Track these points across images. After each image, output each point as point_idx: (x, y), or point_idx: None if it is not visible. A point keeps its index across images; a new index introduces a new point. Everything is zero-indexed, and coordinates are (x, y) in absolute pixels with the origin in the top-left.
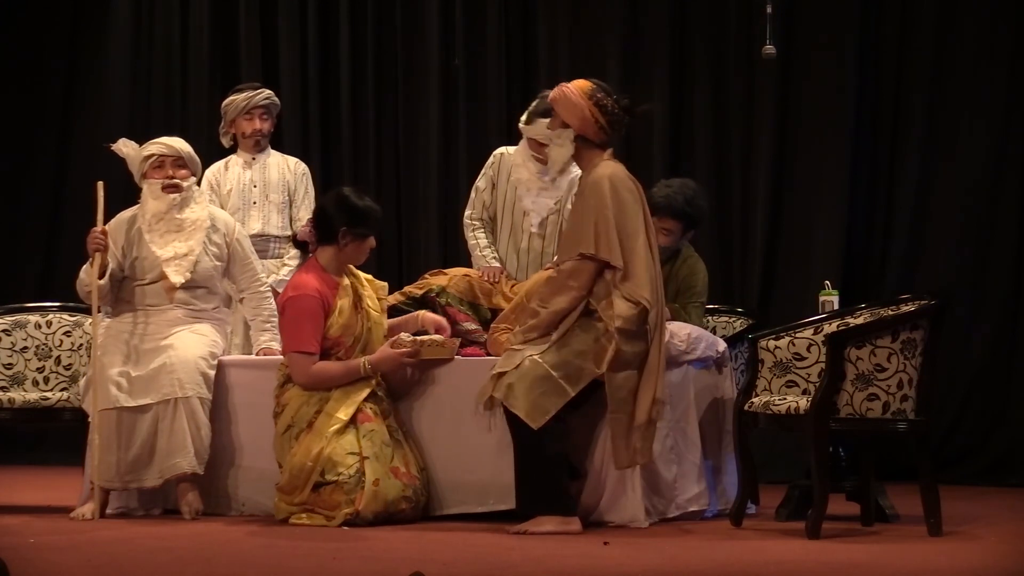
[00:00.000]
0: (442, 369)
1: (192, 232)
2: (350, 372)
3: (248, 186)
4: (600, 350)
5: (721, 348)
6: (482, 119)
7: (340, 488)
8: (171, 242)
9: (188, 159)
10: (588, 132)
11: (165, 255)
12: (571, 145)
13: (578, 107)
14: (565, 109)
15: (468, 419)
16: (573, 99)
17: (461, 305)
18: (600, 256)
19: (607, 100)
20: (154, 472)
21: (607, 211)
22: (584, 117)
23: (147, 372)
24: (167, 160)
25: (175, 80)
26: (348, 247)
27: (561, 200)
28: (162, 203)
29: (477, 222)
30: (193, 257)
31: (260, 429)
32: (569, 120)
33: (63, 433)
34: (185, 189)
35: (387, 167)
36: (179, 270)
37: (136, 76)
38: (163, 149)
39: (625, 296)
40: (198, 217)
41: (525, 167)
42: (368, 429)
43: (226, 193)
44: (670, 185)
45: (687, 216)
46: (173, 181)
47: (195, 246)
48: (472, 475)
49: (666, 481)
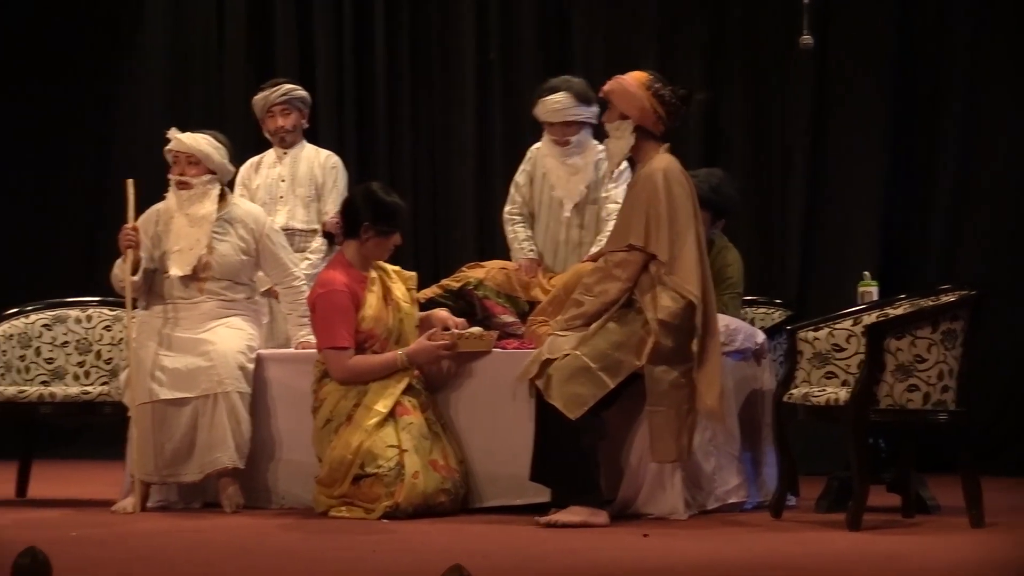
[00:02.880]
0: (479, 362)
1: (199, 228)
2: (387, 365)
3: (276, 181)
4: (640, 343)
5: (760, 339)
6: (517, 113)
7: (379, 481)
8: (182, 236)
9: (202, 156)
10: (647, 123)
11: (173, 248)
12: (631, 137)
13: (636, 97)
14: (623, 100)
15: (505, 412)
16: (631, 90)
17: (498, 298)
18: (649, 248)
19: (665, 90)
20: (194, 467)
21: (659, 204)
22: (643, 107)
23: (185, 367)
24: (180, 157)
25: (212, 74)
26: (370, 242)
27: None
28: (176, 198)
29: (517, 216)
30: (199, 250)
31: (299, 423)
32: (628, 111)
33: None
34: (195, 186)
35: (422, 161)
36: (180, 263)
37: (173, 70)
38: (177, 146)
39: (671, 290)
40: (206, 212)
41: (550, 156)
42: (407, 422)
43: (255, 188)
44: (696, 175)
45: (714, 204)
46: (183, 178)
47: (202, 240)
48: (510, 468)
49: (705, 473)
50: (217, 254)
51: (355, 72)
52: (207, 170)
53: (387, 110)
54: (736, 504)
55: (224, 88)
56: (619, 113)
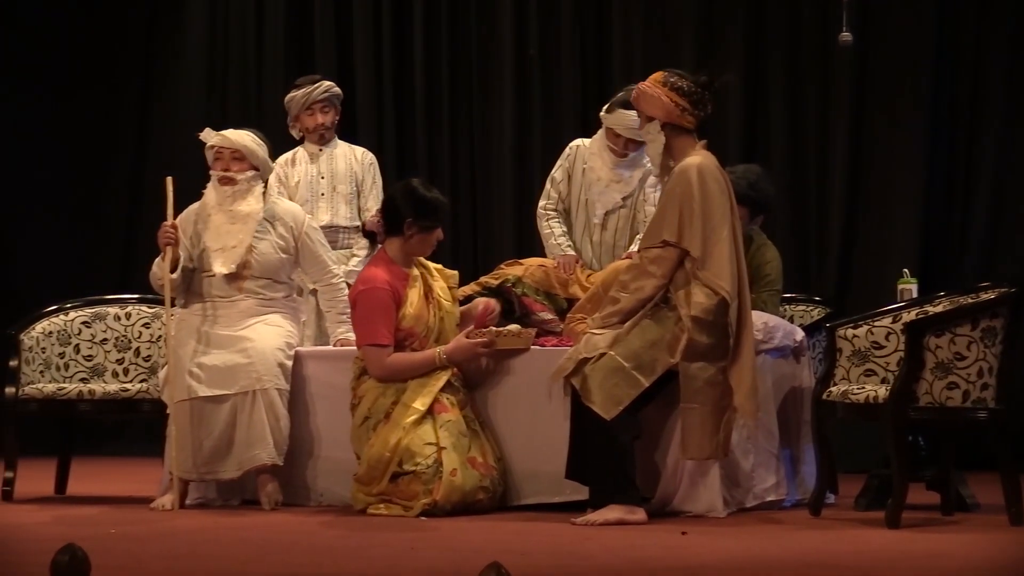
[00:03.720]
0: (518, 359)
1: (243, 225)
2: (425, 363)
3: (316, 178)
4: (673, 340)
5: (799, 337)
6: (557, 109)
7: (418, 478)
8: (224, 234)
9: (248, 153)
10: (673, 118)
11: (215, 246)
12: (661, 136)
13: (655, 97)
14: (645, 104)
15: (544, 409)
16: (649, 91)
17: (537, 295)
18: (682, 244)
19: (681, 82)
20: (232, 464)
21: (693, 200)
22: (664, 104)
23: (224, 364)
24: (224, 152)
25: (251, 71)
26: (413, 239)
27: (632, 196)
28: (218, 194)
29: (552, 212)
30: (242, 249)
31: (338, 420)
32: (652, 112)
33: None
34: (239, 182)
35: (462, 157)
36: (224, 261)
37: (212, 68)
38: (221, 141)
39: (705, 286)
40: (251, 210)
41: (600, 157)
42: (445, 419)
43: (294, 186)
44: (734, 171)
45: (751, 200)
46: (227, 174)
47: (245, 239)
48: (548, 465)
49: (744, 471)
50: (257, 252)
51: (394, 70)
52: (251, 166)
53: (426, 108)
54: (775, 502)
55: (262, 88)
56: (647, 117)
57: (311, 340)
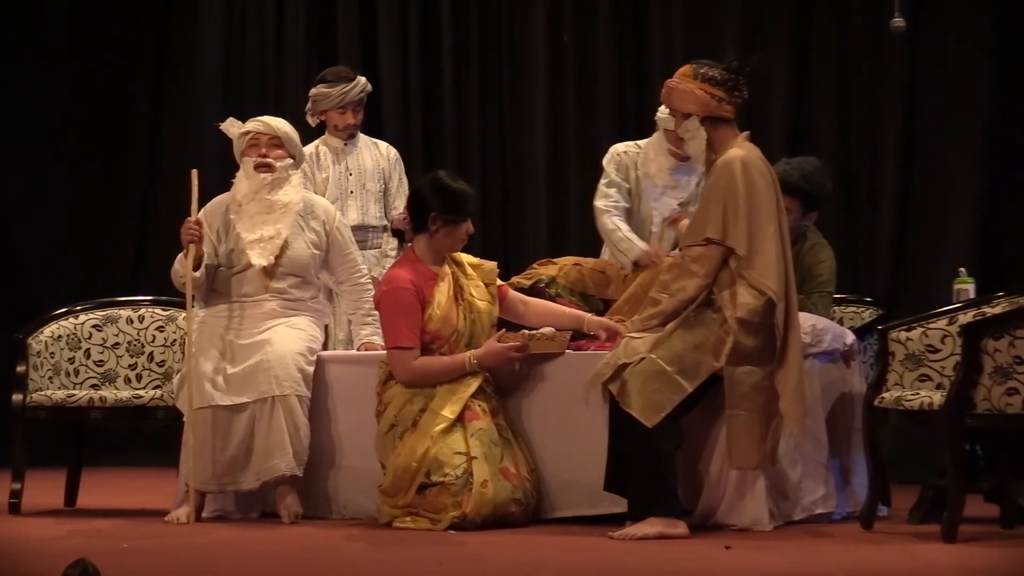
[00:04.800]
0: (552, 364)
1: (282, 215)
2: (455, 367)
3: (343, 175)
4: (718, 343)
5: (849, 340)
6: (592, 99)
7: (446, 490)
8: (259, 224)
9: (286, 140)
10: (711, 110)
11: (250, 237)
12: (701, 131)
13: (686, 91)
14: (677, 100)
15: (579, 417)
16: (680, 87)
17: (572, 296)
18: (727, 242)
19: (712, 71)
20: (251, 474)
21: (737, 195)
22: (697, 96)
23: (243, 369)
24: (262, 139)
25: (269, 58)
26: (440, 233)
27: (687, 202)
28: (253, 183)
29: (613, 209)
30: (280, 241)
31: (362, 428)
32: (686, 107)
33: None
34: (278, 170)
35: (492, 150)
36: (263, 253)
37: (229, 56)
38: (259, 127)
39: (750, 286)
40: (290, 200)
41: (656, 161)
42: (476, 428)
43: (321, 182)
44: (789, 162)
45: (805, 193)
46: (266, 160)
47: (283, 230)
48: (584, 476)
49: (791, 482)
50: (290, 248)
51: (420, 59)
52: (288, 154)
53: (454, 99)
54: (824, 515)
55: (282, 77)
56: (682, 115)
57: (343, 346)
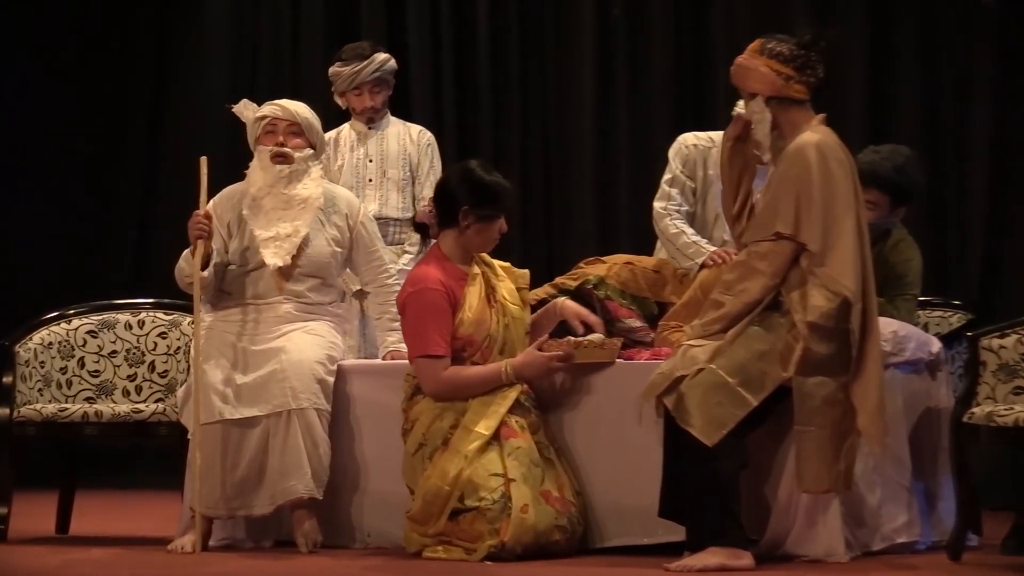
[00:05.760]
0: (600, 375)
1: (301, 211)
2: (490, 378)
3: (363, 161)
4: (786, 350)
5: (935, 349)
6: (645, 80)
7: (482, 516)
8: (275, 221)
9: (306, 127)
10: (778, 89)
11: (265, 235)
12: (767, 113)
13: (753, 68)
14: (744, 79)
15: (631, 434)
16: (746, 63)
17: (623, 299)
18: (799, 237)
19: (781, 46)
20: (264, 497)
21: (811, 185)
22: (765, 75)
23: (255, 379)
24: (279, 125)
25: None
26: (470, 230)
27: None
28: (268, 175)
29: (675, 212)
30: (297, 239)
31: (387, 447)
32: (753, 87)
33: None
34: (296, 161)
35: (533, 139)
36: (278, 252)
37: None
38: (276, 111)
39: (823, 286)
40: (310, 195)
41: None
42: (514, 446)
43: (336, 169)
44: (878, 151)
45: (896, 187)
46: (283, 150)
47: (302, 227)
48: (636, 500)
49: (869, 507)
50: (309, 247)
51: (454, 37)
52: (309, 143)
53: (492, 80)
54: (906, 544)
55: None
56: (748, 94)
57: (353, 352)
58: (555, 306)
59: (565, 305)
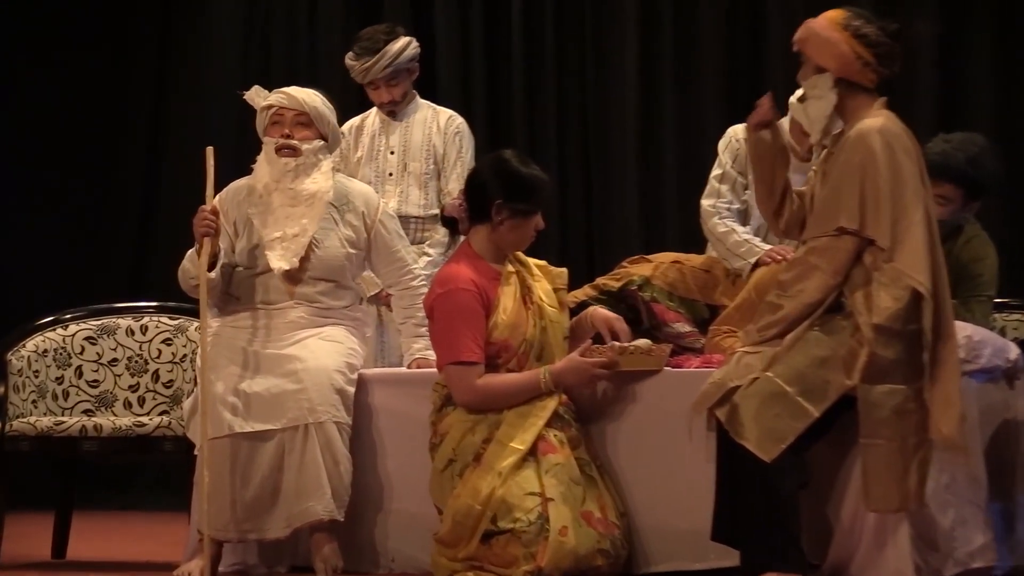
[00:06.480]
0: (647, 384)
1: (308, 208)
2: (526, 387)
3: (383, 153)
4: (850, 356)
5: (1012, 355)
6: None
7: (517, 539)
8: (282, 220)
9: (315, 116)
10: (851, 73)
11: (272, 235)
12: (832, 94)
13: (831, 42)
14: (816, 49)
15: (681, 449)
16: (824, 34)
17: (670, 301)
18: (865, 232)
19: (868, 28)
20: (279, 519)
21: (878, 175)
22: (842, 54)
23: (267, 390)
24: (286, 115)
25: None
26: (504, 226)
27: None
28: (275, 169)
29: (725, 210)
30: (305, 239)
31: (413, 463)
32: (823, 62)
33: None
34: (304, 154)
35: (572, 126)
36: (284, 255)
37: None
38: (283, 100)
39: (891, 284)
40: (318, 189)
41: None
42: (552, 462)
43: (356, 161)
44: (949, 140)
45: (969, 180)
46: (289, 142)
47: (309, 226)
48: (686, 522)
49: (942, 529)
50: (320, 247)
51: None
52: (318, 135)
53: (525, 62)
54: (982, 570)
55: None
56: (814, 66)
57: (371, 360)
58: (587, 316)
59: (595, 314)
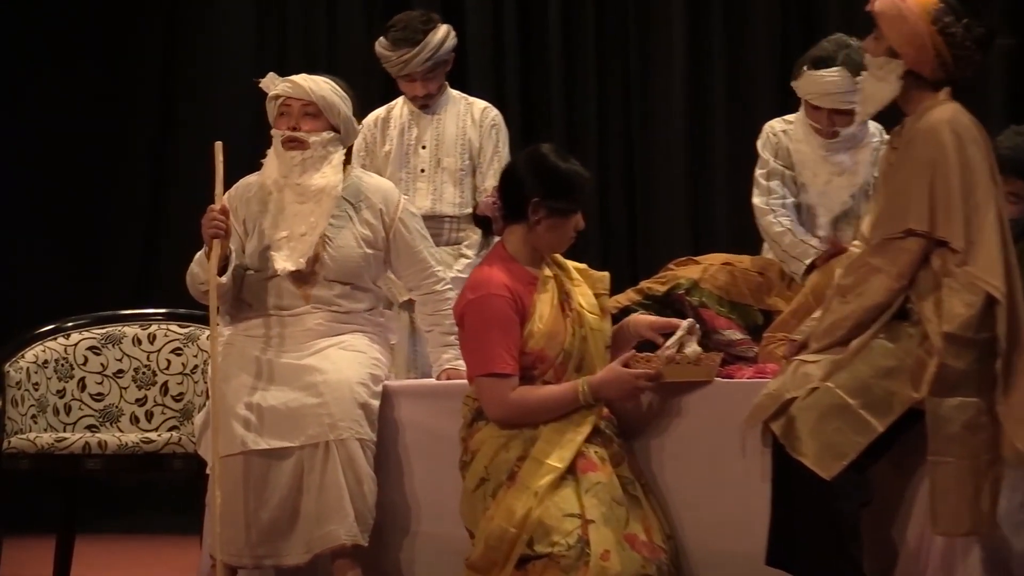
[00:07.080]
0: (695, 396)
1: (316, 205)
2: (564, 400)
3: (414, 147)
4: (917, 366)
5: None
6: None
7: (555, 564)
8: (289, 217)
9: (324, 106)
10: (923, 67)
11: (278, 234)
12: (898, 83)
13: (915, 32)
14: (897, 31)
15: (732, 467)
16: (911, 20)
17: (721, 306)
18: (936, 233)
19: (957, 27)
20: (298, 544)
21: (949, 172)
22: (922, 46)
23: (284, 404)
24: (294, 106)
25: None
26: (541, 226)
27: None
28: (282, 162)
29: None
30: (313, 238)
31: (442, 482)
32: (900, 47)
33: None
34: (312, 146)
35: (613, 116)
36: (290, 255)
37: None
38: (288, 89)
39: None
40: (326, 184)
41: (807, 143)
42: (593, 481)
43: (384, 156)
44: (1022, 132)
45: None
46: (295, 134)
47: (317, 223)
48: (739, 544)
49: (1016, 553)
50: (333, 246)
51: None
52: (329, 126)
53: (563, 50)
54: None
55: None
56: (887, 47)
57: (400, 371)
58: (627, 325)
59: (637, 321)
